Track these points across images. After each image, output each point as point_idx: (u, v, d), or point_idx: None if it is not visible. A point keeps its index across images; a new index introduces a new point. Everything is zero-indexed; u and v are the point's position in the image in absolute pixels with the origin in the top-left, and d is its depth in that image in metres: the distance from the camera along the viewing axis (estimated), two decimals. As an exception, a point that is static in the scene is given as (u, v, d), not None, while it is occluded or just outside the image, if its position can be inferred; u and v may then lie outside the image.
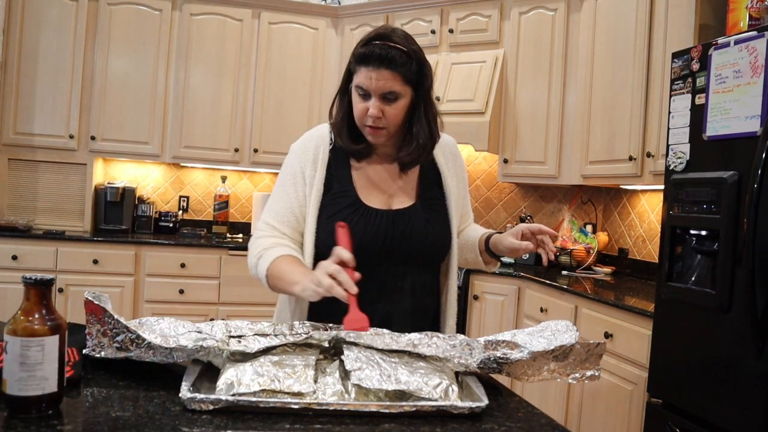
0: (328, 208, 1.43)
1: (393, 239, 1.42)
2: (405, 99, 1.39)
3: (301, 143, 1.51)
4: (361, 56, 1.36)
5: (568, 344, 1.16)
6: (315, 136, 1.51)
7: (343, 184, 1.46)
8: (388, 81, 1.35)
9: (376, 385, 1.02)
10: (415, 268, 1.47)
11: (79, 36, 3.91)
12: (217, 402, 0.96)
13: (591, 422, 2.63)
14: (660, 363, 2.13)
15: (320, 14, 4.24)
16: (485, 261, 1.60)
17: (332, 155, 1.48)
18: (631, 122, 2.99)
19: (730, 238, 1.84)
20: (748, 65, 1.82)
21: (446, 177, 1.54)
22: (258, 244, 1.45)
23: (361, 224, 1.41)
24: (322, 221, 1.43)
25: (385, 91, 1.36)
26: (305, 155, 1.48)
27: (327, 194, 1.45)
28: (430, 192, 1.52)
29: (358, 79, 1.38)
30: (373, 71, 1.35)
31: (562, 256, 3.51)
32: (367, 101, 1.38)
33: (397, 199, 1.48)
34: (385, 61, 1.34)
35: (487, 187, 4.18)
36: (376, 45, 1.36)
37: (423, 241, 1.45)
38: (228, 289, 3.87)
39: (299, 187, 1.46)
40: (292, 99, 4.19)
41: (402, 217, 1.45)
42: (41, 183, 3.97)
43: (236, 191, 4.48)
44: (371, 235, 1.41)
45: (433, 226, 1.48)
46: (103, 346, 1.10)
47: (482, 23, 3.80)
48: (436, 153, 1.54)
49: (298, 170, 1.47)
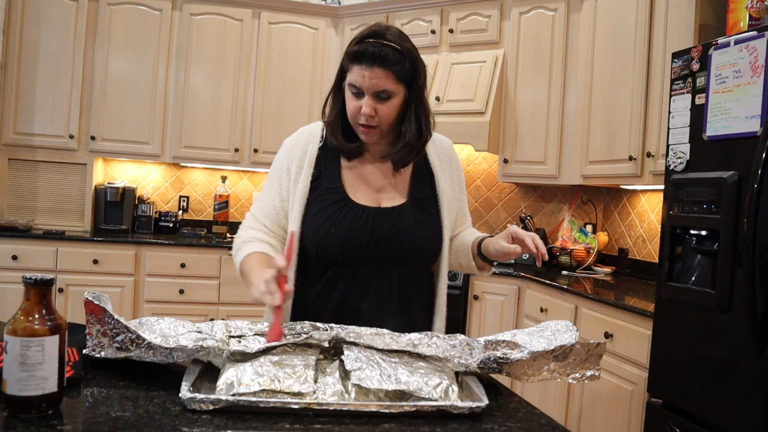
0: (315, 204, 1.43)
1: (380, 237, 1.41)
2: (398, 97, 1.38)
3: (292, 139, 1.53)
4: (355, 54, 1.35)
5: (568, 344, 1.16)
6: (306, 133, 1.52)
7: (332, 180, 1.45)
8: (381, 79, 1.34)
9: (376, 385, 1.02)
10: (403, 268, 1.44)
11: (79, 36, 3.91)
12: (217, 402, 0.96)
13: (591, 422, 2.63)
14: (660, 363, 2.13)
15: (320, 14, 4.24)
16: (478, 266, 1.56)
17: (322, 152, 1.48)
18: (631, 122, 2.99)
19: (730, 238, 1.84)
20: (748, 65, 1.82)
21: (439, 178, 1.52)
22: (239, 235, 1.50)
23: (348, 220, 1.40)
24: (308, 217, 1.43)
25: (378, 90, 1.35)
26: (293, 151, 1.49)
27: (315, 191, 1.45)
28: (422, 192, 1.50)
29: (351, 77, 1.37)
30: (366, 69, 1.33)
31: (562, 256, 3.51)
32: (360, 99, 1.37)
33: (387, 198, 1.47)
34: (378, 59, 1.33)
35: (487, 187, 4.18)
36: (370, 43, 1.34)
37: (411, 241, 1.43)
38: (228, 289, 3.87)
39: (283, 182, 1.47)
40: (292, 99, 4.19)
41: (390, 215, 1.43)
42: (41, 183, 3.97)
43: (236, 191, 4.48)
44: (357, 231, 1.39)
45: (422, 227, 1.45)
46: (103, 346, 1.10)
47: (482, 23, 3.80)
48: (430, 153, 1.53)
49: (284, 166, 1.48)
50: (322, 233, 1.39)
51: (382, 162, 1.49)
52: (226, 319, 1.22)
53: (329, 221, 1.40)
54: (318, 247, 1.40)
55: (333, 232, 1.38)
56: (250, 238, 1.46)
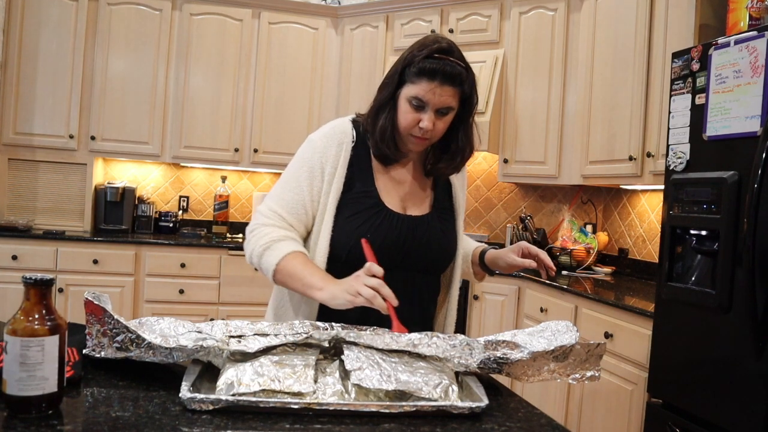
0: (348, 207, 1.41)
1: (412, 245, 1.42)
2: (453, 112, 1.40)
3: (323, 137, 1.45)
4: (428, 71, 1.34)
5: (568, 344, 1.16)
6: (338, 131, 1.46)
7: (366, 184, 1.43)
8: (450, 97, 1.36)
9: (376, 385, 1.02)
10: (424, 276, 1.48)
11: (79, 36, 3.91)
12: (217, 402, 0.96)
13: (591, 422, 2.63)
14: (660, 363, 2.13)
15: (320, 14, 4.24)
16: (476, 273, 1.63)
17: (354, 153, 1.45)
18: (631, 122, 2.99)
19: (730, 238, 1.84)
20: (748, 65, 1.82)
21: (456, 188, 1.56)
22: (264, 233, 1.39)
23: (384, 228, 1.39)
24: (340, 220, 1.40)
25: (444, 106, 1.36)
26: (327, 150, 1.42)
27: (347, 193, 1.42)
28: (443, 203, 1.53)
29: (416, 90, 1.35)
30: (438, 87, 1.34)
31: (562, 256, 3.51)
32: (420, 112, 1.36)
33: (412, 205, 1.48)
34: (450, 78, 1.34)
35: (487, 187, 4.18)
36: (444, 61, 1.34)
37: (438, 251, 1.47)
38: (228, 289, 3.87)
39: (315, 183, 1.41)
40: (292, 99, 4.19)
41: (421, 224, 1.45)
42: (41, 183, 3.97)
43: (236, 191, 4.48)
44: (392, 239, 1.40)
45: (446, 236, 1.49)
46: (103, 346, 1.10)
47: (482, 23, 3.80)
48: None
49: (317, 165, 1.42)
50: (356, 238, 1.37)
51: (411, 167, 1.51)
52: (226, 319, 1.22)
53: (365, 226, 1.38)
54: (351, 251, 1.38)
55: (370, 239, 1.36)
56: (281, 237, 1.38)
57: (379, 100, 1.43)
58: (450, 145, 1.47)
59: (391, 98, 1.41)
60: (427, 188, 1.53)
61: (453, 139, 1.46)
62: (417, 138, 1.40)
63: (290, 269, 1.34)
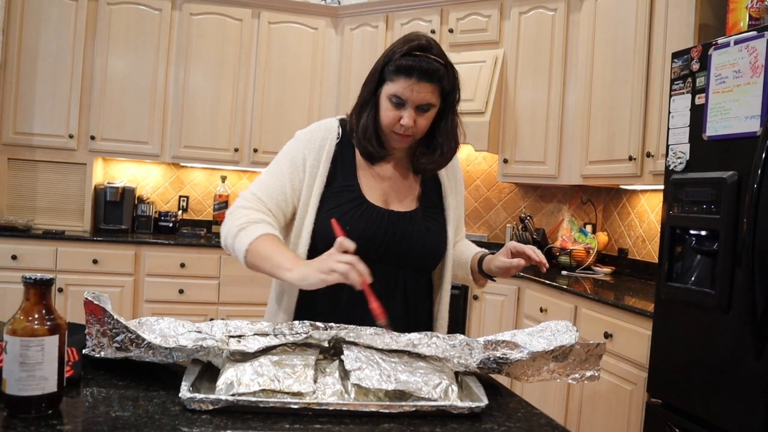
0: (329, 201, 1.43)
1: (392, 240, 1.42)
2: (435, 109, 1.41)
3: (308, 132, 1.50)
4: (404, 67, 1.35)
5: (568, 344, 1.16)
6: (323, 128, 1.50)
7: (348, 179, 1.46)
8: (428, 94, 1.37)
9: (376, 385, 1.02)
10: (410, 273, 1.47)
11: (78, 36, 3.91)
12: (217, 402, 0.96)
13: (591, 422, 2.63)
14: (660, 363, 2.13)
15: (320, 14, 4.24)
16: (476, 279, 1.61)
17: (338, 149, 1.48)
18: (631, 122, 2.99)
19: (730, 238, 1.84)
20: (748, 65, 1.82)
21: (446, 188, 1.56)
22: (242, 214, 1.40)
23: (363, 220, 1.41)
24: (322, 213, 1.42)
25: (423, 103, 1.38)
26: (310, 144, 1.47)
27: (329, 187, 1.44)
28: (431, 201, 1.53)
29: (394, 88, 1.37)
30: (415, 84, 1.35)
31: (562, 256, 3.51)
32: (400, 110, 1.38)
33: (396, 201, 1.49)
34: (427, 74, 1.35)
35: (486, 187, 4.18)
36: (420, 57, 1.35)
37: (422, 247, 1.46)
38: (228, 289, 3.87)
39: (297, 173, 1.45)
40: (291, 99, 4.19)
41: (404, 219, 1.45)
42: (41, 183, 3.97)
43: (236, 191, 4.48)
44: (372, 232, 1.41)
45: (432, 234, 1.48)
46: (103, 346, 1.10)
47: (482, 23, 3.80)
48: None
49: (299, 157, 1.46)
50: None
51: (394, 165, 1.51)
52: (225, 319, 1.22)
53: (344, 219, 1.39)
54: (331, 244, 1.37)
55: (348, 231, 1.37)
56: (257, 219, 1.39)
57: (361, 97, 1.46)
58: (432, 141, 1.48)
59: (373, 96, 1.43)
60: (414, 186, 1.53)
61: (432, 134, 1.47)
62: (399, 135, 1.41)
63: (261, 250, 1.33)
